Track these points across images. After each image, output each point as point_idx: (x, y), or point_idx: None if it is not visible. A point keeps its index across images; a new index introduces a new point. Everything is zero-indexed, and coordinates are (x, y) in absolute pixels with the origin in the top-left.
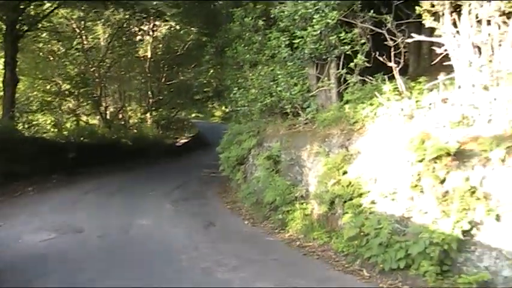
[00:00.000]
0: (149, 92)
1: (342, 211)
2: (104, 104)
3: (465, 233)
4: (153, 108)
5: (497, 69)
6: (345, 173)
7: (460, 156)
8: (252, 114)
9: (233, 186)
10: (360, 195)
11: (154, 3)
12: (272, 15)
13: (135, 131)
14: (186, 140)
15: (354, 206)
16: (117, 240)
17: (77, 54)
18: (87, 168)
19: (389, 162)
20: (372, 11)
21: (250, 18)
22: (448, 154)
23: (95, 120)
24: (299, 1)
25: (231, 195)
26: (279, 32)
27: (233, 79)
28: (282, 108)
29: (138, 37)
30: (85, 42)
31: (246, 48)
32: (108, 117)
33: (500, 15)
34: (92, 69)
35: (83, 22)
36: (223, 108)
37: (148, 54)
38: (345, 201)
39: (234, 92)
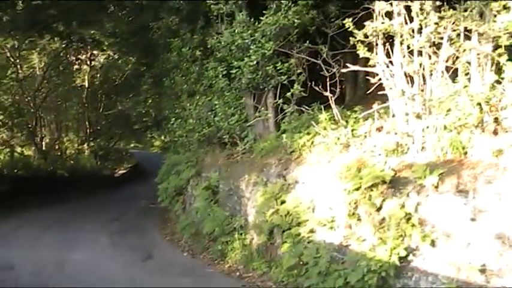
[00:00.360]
0: (87, 122)
1: (281, 240)
2: (39, 134)
3: (402, 259)
4: (91, 139)
5: (428, 98)
6: (283, 202)
7: (396, 183)
8: (190, 144)
9: (172, 217)
10: (299, 224)
11: (92, 32)
12: (209, 46)
13: (72, 162)
14: (124, 171)
15: (293, 235)
16: (51, 277)
17: (11, 83)
18: (21, 201)
19: (327, 190)
20: (307, 42)
21: (187, 48)
22: (384, 182)
23: (30, 151)
24: (236, 31)
25: (170, 227)
26: (216, 62)
27: (171, 109)
28: (220, 138)
29: (76, 66)
30: (20, 72)
31: (184, 78)
32: (44, 148)
33: (430, 46)
34: (27, 99)
35: (17, 51)
36: (162, 138)
37: (86, 83)
38: (284, 231)
39: (172, 122)
